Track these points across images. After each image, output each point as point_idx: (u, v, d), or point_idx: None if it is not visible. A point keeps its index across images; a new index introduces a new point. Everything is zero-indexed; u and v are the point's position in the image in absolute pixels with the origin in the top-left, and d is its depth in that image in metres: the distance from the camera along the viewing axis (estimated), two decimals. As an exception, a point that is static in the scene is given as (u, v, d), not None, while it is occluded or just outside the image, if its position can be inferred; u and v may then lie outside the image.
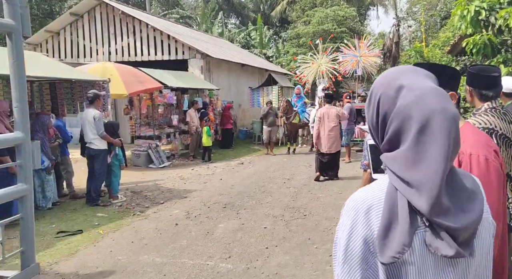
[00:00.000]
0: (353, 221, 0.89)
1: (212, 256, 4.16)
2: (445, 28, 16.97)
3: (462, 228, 0.82)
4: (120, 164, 6.70)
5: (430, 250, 0.83)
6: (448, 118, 0.85)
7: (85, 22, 13.93)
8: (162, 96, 10.42)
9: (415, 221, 0.84)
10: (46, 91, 7.14)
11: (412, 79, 0.91)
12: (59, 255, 4.31)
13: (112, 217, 5.72)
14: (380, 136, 0.95)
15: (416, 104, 0.86)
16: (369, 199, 0.90)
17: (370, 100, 0.97)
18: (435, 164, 0.83)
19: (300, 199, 6.48)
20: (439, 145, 0.83)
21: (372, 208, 0.88)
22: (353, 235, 0.89)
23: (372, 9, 32.85)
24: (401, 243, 0.82)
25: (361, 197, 0.92)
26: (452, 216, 0.83)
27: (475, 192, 0.89)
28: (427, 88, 0.88)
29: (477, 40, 5.92)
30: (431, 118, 0.84)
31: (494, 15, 5.64)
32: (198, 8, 32.68)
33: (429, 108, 0.85)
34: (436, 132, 0.84)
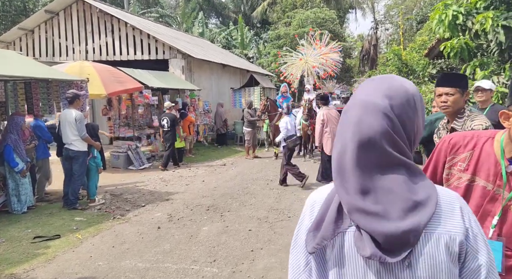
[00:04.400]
0: (303, 214, 1.02)
1: (196, 260, 4.09)
2: (421, 31, 17.42)
3: (385, 235, 0.84)
4: (98, 167, 6.53)
5: (356, 249, 0.89)
6: (360, 129, 0.91)
7: (61, 20, 13.53)
8: (143, 96, 10.22)
9: (341, 219, 0.91)
10: (21, 91, 6.86)
11: (360, 89, 0.99)
12: (36, 262, 4.14)
13: (91, 221, 5.55)
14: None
15: (344, 112, 0.98)
16: (318, 194, 1.01)
17: None
18: (347, 171, 0.91)
19: (283, 200, 6.48)
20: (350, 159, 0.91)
21: (316, 202, 0.99)
22: (300, 226, 1.01)
23: (351, 12, 33.37)
24: (322, 236, 0.91)
25: (313, 194, 1.03)
26: (375, 220, 0.86)
27: (422, 204, 0.89)
28: (357, 100, 0.96)
29: (454, 44, 6.09)
30: (344, 132, 0.94)
31: (471, 20, 5.81)
32: (178, 7, 32.34)
33: (348, 118, 0.95)
34: (348, 137, 0.92)
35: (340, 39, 20.54)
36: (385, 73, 13.94)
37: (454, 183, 1.58)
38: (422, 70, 10.84)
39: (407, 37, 23.60)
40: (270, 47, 24.19)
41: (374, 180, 0.89)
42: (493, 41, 5.40)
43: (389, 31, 32.86)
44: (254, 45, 28.62)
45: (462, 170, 1.56)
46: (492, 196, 1.46)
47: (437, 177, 1.66)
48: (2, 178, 5.89)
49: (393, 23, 31.54)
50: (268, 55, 24.22)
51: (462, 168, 1.56)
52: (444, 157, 1.63)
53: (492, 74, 5.58)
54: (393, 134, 0.90)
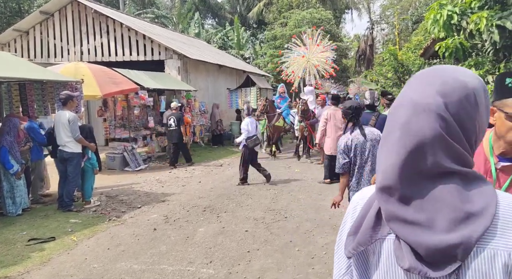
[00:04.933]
0: (346, 216, 0.98)
1: (192, 262, 4.07)
2: (416, 31, 17.49)
3: (428, 247, 0.76)
4: (94, 168, 6.49)
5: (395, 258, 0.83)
6: (408, 134, 0.82)
7: (56, 21, 13.46)
8: (138, 97, 10.18)
9: (379, 225, 0.85)
10: (16, 92, 6.82)
11: (406, 87, 0.89)
12: (31, 264, 4.11)
13: (86, 223, 5.52)
14: None
15: (390, 115, 0.88)
16: (360, 197, 0.96)
17: None
18: (386, 178, 0.84)
19: (280, 201, 6.47)
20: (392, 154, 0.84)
21: (359, 205, 0.95)
22: (343, 228, 0.97)
23: (347, 13, 33.47)
24: (357, 241, 0.86)
25: (356, 196, 0.99)
26: (417, 230, 0.78)
27: (476, 215, 0.78)
28: (407, 100, 0.86)
29: (449, 44, 6.10)
30: (391, 132, 0.85)
31: (466, 20, 5.83)
32: (174, 8, 32.29)
33: (392, 122, 0.86)
34: (392, 147, 0.84)
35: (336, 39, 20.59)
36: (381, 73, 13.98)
37: None
38: (418, 70, 10.88)
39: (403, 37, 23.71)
40: (266, 47, 24.20)
41: (420, 188, 0.81)
42: (488, 40, 5.42)
43: (385, 31, 32.98)
44: (251, 45, 28.62)
45: None
46: None
47: None
48: (-4, 180, 5.85)
49: (388, 23, 31.66)
50: (264, 56, 24.22)
51: None
52: None
53: (487, 74, 5.60)
54: (447, 138, 0.80)
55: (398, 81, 12.19)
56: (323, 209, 5.87)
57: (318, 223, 5.26)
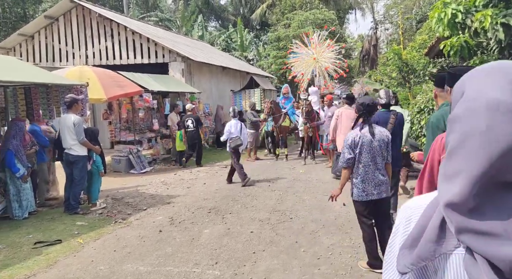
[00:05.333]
0: (396, 228, 0.88)
1: (198, 263, 4.07)
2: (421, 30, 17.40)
3: (508, 260, 0.66)
4: (99, 171, 6.53)
5: (468, 275, 0.72)
6: (493, 143, 0.70)
7: (61, 25, 13.57)
8: (143, 100, 10.23)
9: (444, 238, 0.75)
10: (21, 96, 6.87)
11: (478, 85, 0.76)
12: (37, 267, 4.13)
13: (92, 225, 5.54)
14: None
15: (461, 118, 0.75)
16: (413, 207, 0.86)
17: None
18: (455, 189, 0.72)
19: (285, 201, 6.46)
20: (473, 162, 0.72)
21: (413, 217, 0.85)
22: (393, 241, 0.87)
23: (350, 13, 33.40)
24: (417, 255, 0.76)
25: (408, 204, 0.88)
26: (496, 243, 0.68)
27: None
28: (484, 100, 0.73)
29: (454, 42, 6.07)
30: (468, 138, 0.73)
31: (470, 18, 5.79)
32: (177, 11, 32.44)
33: (469, 126, 0.73)
34: (472, 153, 0.72)
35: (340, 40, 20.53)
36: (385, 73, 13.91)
37: None
38: (423, 69, 10.81)
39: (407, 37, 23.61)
40: (269, 49, 24.21)
41: (494, 197, 0.72)
42: (493, 39, 5.38)
43: (389, 31, 32.87)
44: (254, 47, 28.65)
45: None
46: None
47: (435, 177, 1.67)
48: (2, 184, 5.89)
49: (392, 23, 31.55)
50: (268, 57, 24.23)
51: None
52: (439, 155, 1.68)
53: (493, 72, 5.56)
54: None
55: (402, 81, 12.13)
56: (328, 210, 5.84)
57: (323, 223, 5.23)
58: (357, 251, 4.21)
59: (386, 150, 3.68)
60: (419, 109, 7.90)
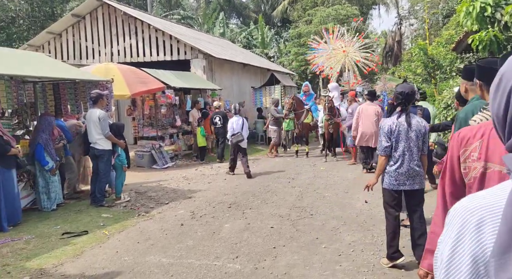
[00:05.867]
0: (459, 234, 0.73)
1: (219, 257, 4.12)
2: (447, 25, 16.90)
3: None
4: (123, 166, 6.68)
5: None
6: None
7: (87, 23, 13.93)
8: (165, 96, 10.39)
9: None
10: (50, 91, 7.11)
11: None
12: (65, 257, 4.28)
13: (117, 217, 5.69)
14: (507, 134, 0.78)
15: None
16: (483, 207, 0.73)
17: (497, 89, 0.79)
18: None
19: (306, 198, 6.44)
20: None
21: (486, 219, 0.72)
22: (458, 251, 0.72)
23: (374, 8, 32.77)
24: None
25: (471, 204, 0.75)
26: None
27: None
28: None
29: (483, 37, 5.87)
30: None
31: (500, 11, 5.59)
32: (199, 9, 32.70)
33: None
34: None
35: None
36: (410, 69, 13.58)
37: (472, 175, 1.59)
38: (450, 65, 10.51)
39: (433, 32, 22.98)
40: (290, 46, 24.06)
41: None
42: (525, 32, 5.18)
43: (414, 27, 32.07)
44: (275, 44, 28.54)
45: (476, 160, 1.57)
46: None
47: (456, 175, 1.66)
48: (32, 177, 6.12)
49: (418, 18, 30.75)
50: (288, 54, 24.10)
51: (475, 157, 1.56)
52: (457, 152, 1.64)
53: (524, 67, 5.35)
54: None
55: (428, 77, 11.82)
56: (349, 207, 5.78)
57: (344, 220, 5.19)
58: (380, 249, 4.15)
59: (422, 141, 3.61)
60: (446, 105, 7.71)
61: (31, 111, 7.02)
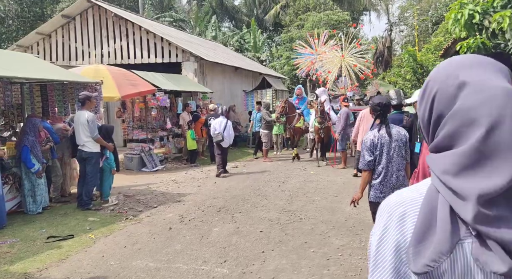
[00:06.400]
0: (385, 225, 0.82)
1: (207, 261, 4.08)
2: (436, 32, 17.16)
3: None
4: (111, 169, 6.60)
5: (478, 265, 0.73)
6: None
7: (77, 25, 13.80)
8: (155, 99, 10.32)
9: (457, 229, 0.74)
10: (37, 93, 7.01)
11: (479, 75, 0.77)
12: (49, 261, 4.20)
13: (104, 221, 5.61)
14: (430, 136, 0.85)
15: (481, 108, 0.74)
16: (404, 202, 0.83)
17: (423, 94, 0.85)
18: (497, 179, 0.71)
19: (295, 202, 6.43)
20: (508, 159, 0.71)
21: (408, 212, 0.81)
22: (383, 241, 0.82)
23: (365, 14, 33.14)
24: (437, 251, 0.73)
25: (396, 199, 0.84)
26: (507, 227, 0.70)
27: None
28: (497, 88, 0.74)
29: (471, 44, 5.95)
30: (498, 126, 0.72)
31: (488, 19, 5.68)
32: (191, 11, 32.67)
33: (497, 115, 0.72)
34: (505, 145, 0.71)
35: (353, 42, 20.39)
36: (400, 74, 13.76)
37: None
38: (438, 71, 10.65)
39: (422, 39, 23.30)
40: (282, 50, 24.17)
41: None
42: (511, 40, 5.26)
43: (404, 33, 32.51)
44: (267, 48, 28.65)
45: None
46: None
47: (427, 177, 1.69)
48: (17, 179, 6.01)
49: (407, 25, 31.18)
50: (280, 58, 24.20)
51: None
52: None
53: (510, 74, 5.44)
54: None
55: (417, 83, 11.96)
56: (339, 211, 5.79)
57: (333, 225, 5.19)
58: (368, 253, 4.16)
59: (405, 150, 3.62)
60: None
61: (18, 112, 6.91)
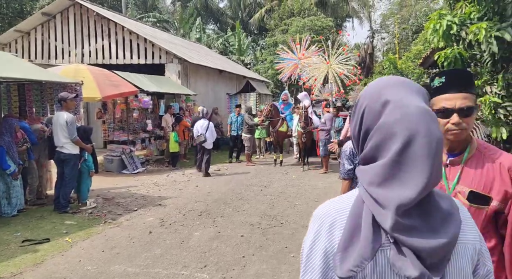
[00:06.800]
0: (316, 233, 0.89)
1: (187, 266, 4.05)
2: (416, 41, 17.61)
3: (430, 250, 0.78)
4: (90, 170, 6.48)
5: (394, 270, 0.80)
6: (432, 142, 0.80)
7: (58, 23, 13.52)
8: (138, 100, 10.19)
9: (379, 236, 0.81)
10: (14, 92, 6.82)
11: (400, 94, 0.86)
12: (24, 265, 4.08)
13: (81, 225, 5.49)
14: (360, 148, 0.92)
15: (400, 123, 0.82)
16: (335, 211, 0.89)
17: (355, 110, 0.93)
18: (411, 189, 0.79)
19: (277, 207, 6.46)
20: (420, 171, 0.79)
21: (337, 221, 0.87)
22: (314, 247, 0.88)
23: (348, 21, 33.67)
24: (360, 257, 0.80)
25: (327, 208, 0.91)
26: (419, 236, 0.78)
27: (452, 214, 0.84)
28: (414, 107, 0.83)
29: (448, 54, 6.13)
30: (413, 140, 0.80)
31: (465, 30, 5.86)
32: (176, 12, 32.46)
33: (413, 130, 0.80)
34: (418, 157, 0.80)
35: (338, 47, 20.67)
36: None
37: None
38: (417, 79, 10.93)
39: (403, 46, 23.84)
40: (267, 54, 24.28)
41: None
42: (486, 51, 5.44)
43: (385, 40, 33.20)
44: (251, 51, 28.72)
45: None
46: (439, 188, 1.59)
47: None
48: (-8, 180, 5.82)
49: (389, 33, 31.86)
50: (265, 62, 24.30)
51: None
52: None
53: (485, 84, 5.63)
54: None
55: (397, 90, 12.22)
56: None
57: (314, 229, 5.23)
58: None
59: None
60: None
61: (-6, 112, 6.70)
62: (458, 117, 1.46)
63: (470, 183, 1.50)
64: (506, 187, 1.45)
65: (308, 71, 12.36)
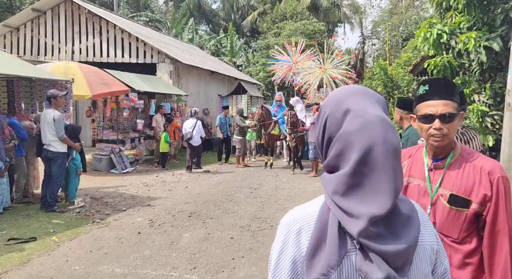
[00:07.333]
0: (284, 241, 0.89)
1: (176, 267, 4.03)
2: (406, 48, 17.86)
3: (394, 254, 0.80)
4: (77, 169, 6.40)
5: (360, 274, 0.81)
6: (389, 151, 0.82)
7: (48, 19, 13.34)
8: (128, 99, 10.11)
9: (345, 243, 0.83)
10: (3, 89, 6.71)
11: (360, 103, 0.88)
12: (9, 264, 4.01)
13: (69, 224, 5.42)
14: (324, 155, 0.93)
15: (359, 132, 0.84)
16: (302, 218, 0.90)
17: (318, 117, 0.94)
18: (381, 201, 0.81)
19: (267, 209, 6.47)
20: (383, 180, 0.82)
21: (303, 228, 0.88)
22: (282, 255, 0.88)
23: (339, 26, 33.97)
24: (326, 264, 0.81)
25: (294, 216, 0.91)
26: (383, 241, 0.81)
27: (411, 218, 0.87)
28: (373, 116, 0.85)
29: (438, 62, 6.25)
30: (372, 149, 0.82)
31: (455, 39, 5.99)
32: (168, 12, 32.31)
33: (371, 139, 0.83)
34: (378, 166, 0.82)
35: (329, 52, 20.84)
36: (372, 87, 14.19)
37: None
38: (407, 86, 11.09)
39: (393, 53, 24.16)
40: (259, 56, 24.35)
41: None
42: (475, 60, 5.57)
43: (376, 46, 33.58)
44: (243, 53, 28.74)
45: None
46: (424, 191, 1.65)
47: None
48: (-23, 177, 5.71)
49: (379, 39, 32.25)
50: (256, 64, 24.36)
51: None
52: None
53: (473, 93, 5.75)
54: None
55: (387, 96, 12.38)
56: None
57: (303, 232, 5.26)
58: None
59: None
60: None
61: (-19, 107, 6.57)
62: (439, 122, 1.54)
63: (451, 187, 1.57)
64: (486, 191, 1.51)
65: (303, 75, 12.44)
